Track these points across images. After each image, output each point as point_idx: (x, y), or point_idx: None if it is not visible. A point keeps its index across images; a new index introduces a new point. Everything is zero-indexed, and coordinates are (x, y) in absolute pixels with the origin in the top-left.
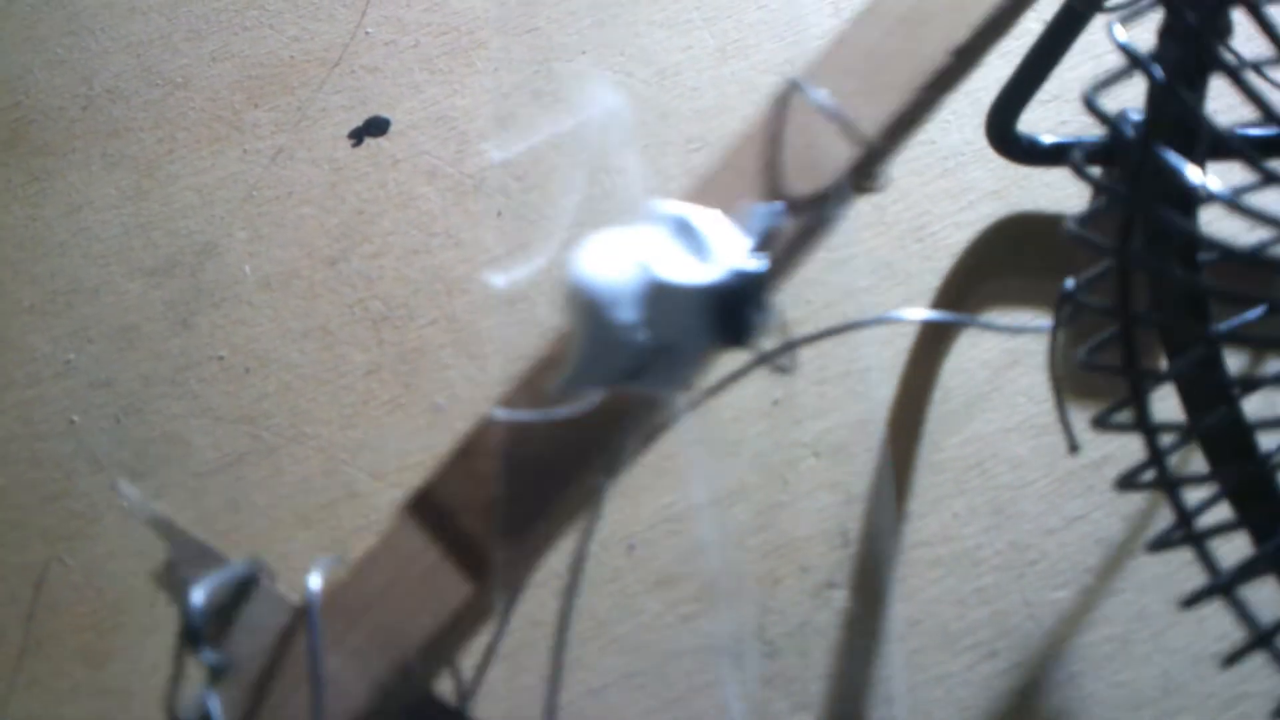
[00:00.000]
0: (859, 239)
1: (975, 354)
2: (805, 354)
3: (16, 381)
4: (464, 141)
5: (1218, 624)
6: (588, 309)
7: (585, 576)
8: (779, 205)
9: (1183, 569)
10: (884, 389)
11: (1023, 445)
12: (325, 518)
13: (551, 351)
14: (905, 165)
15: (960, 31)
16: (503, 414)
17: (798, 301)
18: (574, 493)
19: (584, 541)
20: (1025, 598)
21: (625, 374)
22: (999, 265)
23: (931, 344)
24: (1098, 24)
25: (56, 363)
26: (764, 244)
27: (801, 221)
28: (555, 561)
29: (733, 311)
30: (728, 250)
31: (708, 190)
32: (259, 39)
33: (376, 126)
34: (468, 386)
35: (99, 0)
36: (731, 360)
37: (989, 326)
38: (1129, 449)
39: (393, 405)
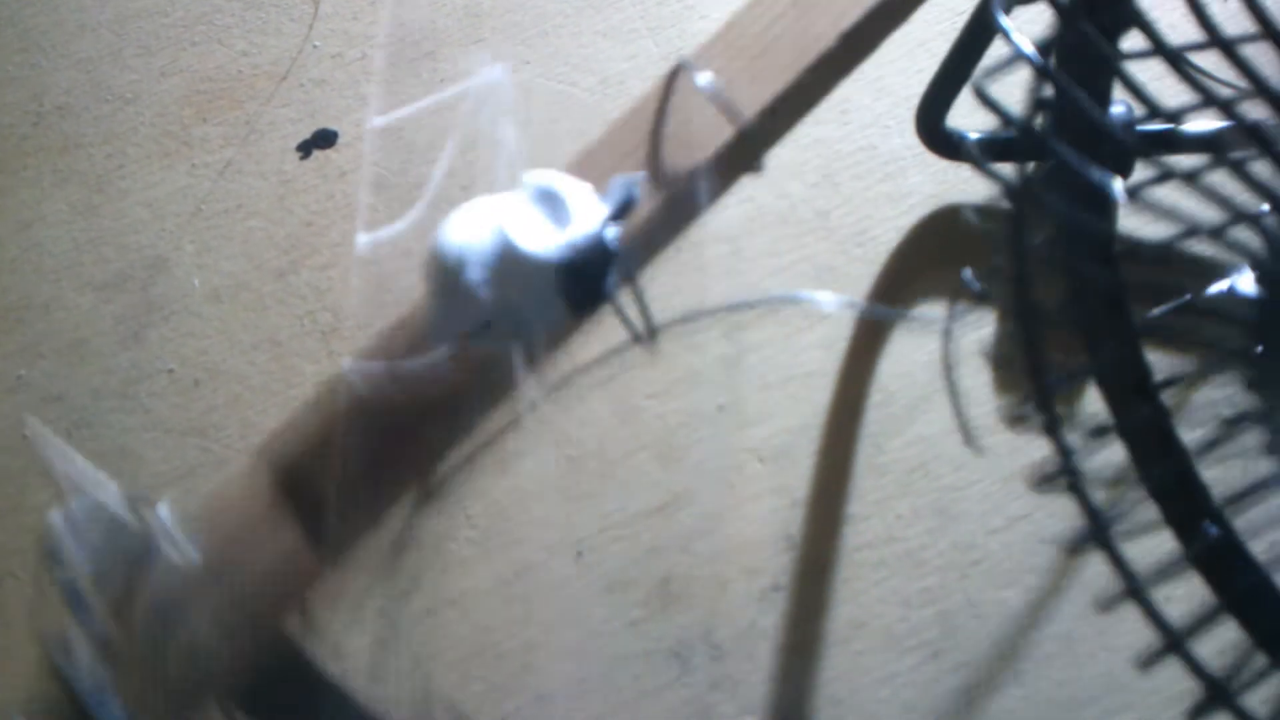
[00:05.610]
0: (801, 245)
1: (918, 357)
2: (750, 359)
3: None
4: (410, 152)
5: None
6: (440, 268)
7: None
8: (636, 177)
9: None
10: (827, 394)
11: (965, 447)
12: None
13: (409, 311)
14: (847, 171)
15: (850, 16)
16: (352, 366)
17: (738, 306)
18: (420, 449)
19: (429, 489)
20: (969, 598)
21: (472, 330)
22: (935, 260)
23: (868, 347)
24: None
25: (8, 378)
26: (621, 215)
27: (665, 196)
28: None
29: (579, 277)
30: (586, 219)
31: (586, 163)
32: (207, 54)
33: (324, 139)
34: None
35: (49, 18)
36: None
37: (882, 316)
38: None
39: None
